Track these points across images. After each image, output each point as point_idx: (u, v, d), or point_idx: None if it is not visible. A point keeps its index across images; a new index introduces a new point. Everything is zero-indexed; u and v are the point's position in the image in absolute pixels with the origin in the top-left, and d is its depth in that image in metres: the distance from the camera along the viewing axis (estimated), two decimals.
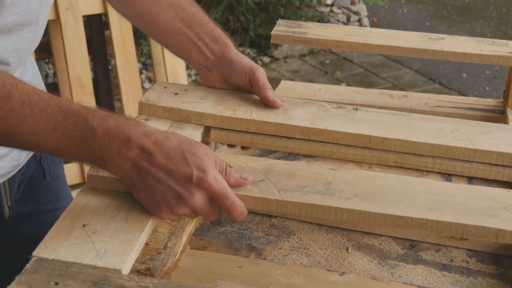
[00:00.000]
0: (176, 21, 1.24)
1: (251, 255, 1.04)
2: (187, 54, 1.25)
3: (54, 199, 1.34)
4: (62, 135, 0.90)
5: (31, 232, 0.87)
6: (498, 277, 1.02)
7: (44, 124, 0.89)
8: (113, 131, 0.91)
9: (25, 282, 0.77)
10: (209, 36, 1.23)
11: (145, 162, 0.91)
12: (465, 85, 4.92)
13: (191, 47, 1.23)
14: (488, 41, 1.48)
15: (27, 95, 0.89)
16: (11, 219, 1.24)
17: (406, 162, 1.18)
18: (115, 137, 0.91)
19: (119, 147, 0.91)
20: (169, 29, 1.24)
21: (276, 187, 0.96)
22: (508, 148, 1.13)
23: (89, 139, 0.90)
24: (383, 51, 1.47)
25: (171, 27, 1.24)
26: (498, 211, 0.91)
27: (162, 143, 0.92)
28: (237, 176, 0.96)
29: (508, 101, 1.46)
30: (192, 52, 1.24)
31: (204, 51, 1.23)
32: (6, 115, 0.88)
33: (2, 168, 1.15)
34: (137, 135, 0.92)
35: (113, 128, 0.91)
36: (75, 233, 0.87)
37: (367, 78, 4.88)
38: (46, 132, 0.90)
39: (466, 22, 6.23)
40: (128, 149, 0.91)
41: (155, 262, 0.93)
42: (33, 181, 1.30)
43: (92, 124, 0.91)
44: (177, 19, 1.24)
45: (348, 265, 1.03)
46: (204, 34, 1.23)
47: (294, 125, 1.16)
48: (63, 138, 0.90)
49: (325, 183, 0.97)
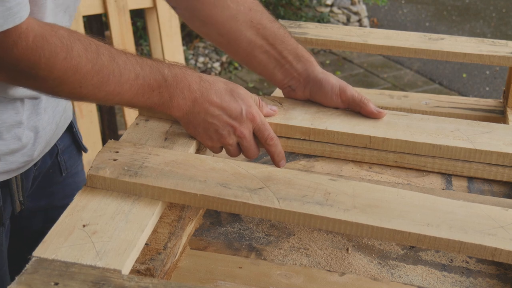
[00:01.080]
0: (258, 39, 1.22)
1: (251, 256, 1.04)
2: (270, 73, 1.24)
3: (70, 195, 1.34)
4: (141, 84, 1.03)
5: (46, 228, 0.88)
6: (498, 278, 1.02)
7: (128, 74, 1.01)
8: (179, 77, 1.06)
9: (25, 282, 0.77)
10: (293, 54, 1.22)
11: (203, 102, 1.07)
12: (465, 85, 4.92)
13: (274, 66, 1.23)
14: (488, 42, 1.48)
15: (109, 50, 1.01)
16: (25, 213, 1.25)
17: (406, 162, 1.18)
18: (180, 82, 1.06)
19: (183, 91, 1.06)
20: (251, 48, 1.22)
21: (276, 195, 0.96)
22: (508, 148, 1.13)
23: (162, 86, 1.05)
24: (383, 51, 1.47)
25: (253, 45, 1.22)
26: (495, 230, 0.91)
27: (214, 84, 1.09)
28: (268, 108, 1.16)
29: (508, 101, 1.46)
30: (275, 71, 1.23)
31: (288, 70, 1.22)
32: (100, 69, 0.98)
33: (14, 163, 1.16)
34: (195, 80, 1.07)
35: (179, 74, 1.06)
36: (75, 233, 0.87)
37: (367, 78, 4.88)
38: (129, 82, 1.01)
39: (466, 22, 6.23)
40: (190, 92, 1.07)
41: (155, 263, 0.93)
42: (48, 176, 1.31)
43: (163, 72, 1.05)
44: (259, 37, 1.22)
45: (348, 266, 1.03)
46: (287, 52, 1.22)
47: (294, 125, 1.16)
48: (142, 86, 1.03)
49: (324, 193, 0.97)
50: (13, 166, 1.16)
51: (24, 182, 1.22)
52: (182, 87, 1.06)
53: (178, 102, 1.06)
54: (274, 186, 0.98)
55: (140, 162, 1.02)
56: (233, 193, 0.96)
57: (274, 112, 1.17)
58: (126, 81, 1.01)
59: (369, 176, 1.18)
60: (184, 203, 0.98)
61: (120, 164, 1.01)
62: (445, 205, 0.96)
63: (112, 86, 1.00)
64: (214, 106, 1.07)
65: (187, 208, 1.05)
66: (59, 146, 1.32)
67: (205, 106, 1.07)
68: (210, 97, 1.07)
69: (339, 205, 0.94)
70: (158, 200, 0.97)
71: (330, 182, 1.00)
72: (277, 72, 1.23)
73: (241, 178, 0.99)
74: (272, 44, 1.22)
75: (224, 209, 0.96)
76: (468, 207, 0.96)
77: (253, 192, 0.96)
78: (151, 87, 1.04)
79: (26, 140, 1.15)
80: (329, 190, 0.98)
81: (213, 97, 1.07)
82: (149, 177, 0.98)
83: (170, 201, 0.98)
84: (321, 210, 0.93)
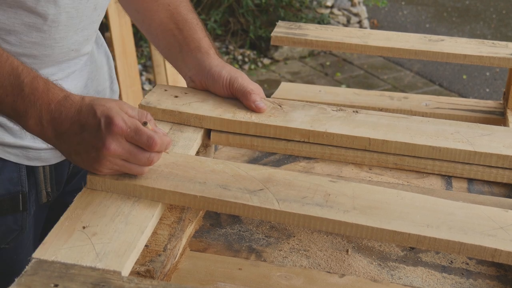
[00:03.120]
0: (170, 22, 1.25)
1: (251, 257, 1.04)
2: (175, 58, 1.26)
3: None
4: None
5: None
6: (498, 279, 1.02)
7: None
8: (39, 92, 0.92)
9: (24, 284, 0.77)
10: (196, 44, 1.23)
11: (63, 123, 0.92)
12: (465, 86, 4.92)
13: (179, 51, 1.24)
14: (488, 43, 1.48)
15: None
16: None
17: (406, 164, 1.18)
18: (38, 98, 0.92)
19: (41, 109, 0.92)
20: (161, 29, 1.25)
21: (275, 197, 0.96)
22: (508, 150, 1.13)
23: (17, 94, 0.92)
24: (383, 52, 1.47)
25: (164, 27, 1.25)
26: (495, 231, 0.91)
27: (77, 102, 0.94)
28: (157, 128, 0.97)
29: (508, 102, 1.46)
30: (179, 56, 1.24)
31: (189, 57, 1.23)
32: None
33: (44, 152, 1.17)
34: (58, 99, 0.93)
35: (40, 89, 0.93)
36: (75, 235, 0.87)
37: (367, 79, 4.88)
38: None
39: (466, 24, 6.23)
40: (48, 113, 0.92)
41: (155, 264, 0.93)
42: None
43: (23, 80, 0.92)
44: (171, 21, 1.25)
45: (348, 267, 1.03)
46: (191, 39, 1.23)
47: (293, 128, 1.16)
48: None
49: (324, 195, 0.97)
50: (44, 155, 1.17)
51: (53, 173, 1.22)
52: (40, 104, 0.93)
53: (35, 121, 0.93)
54: (273, 187, 0.98)
55: None
56: (233, 195, 0.96)
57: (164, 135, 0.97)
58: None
59: (369, 178, 1.18)
60: (184, 204, 0.98)
61: None
62: (445, 206, 0.96)
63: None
64: (71, 125, 0.93)
65: (187, 209, 1.05)
66: None
67: (66, 127, 0.93)
68: (69, 116, 0.93)
69: (339, 207, 0.94)
70: (158, 201, 0.97)
71: (330, 183, 1.00)
72: (180, 58, 1.25)
73: (240, 180, 0.99)
74: (180, 29, 1.24)
75: (224, 211, 0.96)
76: (468, 208, 0.96)
77: (253, 194, 0.96)
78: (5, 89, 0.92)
79: None
80: (329, 192, 0.98)
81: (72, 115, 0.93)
82: (149, 179, 0.98)
83: (170, 203, 0.98)
84: (321, 211, 0.93)
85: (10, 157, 1.14)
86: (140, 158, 0.94)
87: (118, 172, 0.97)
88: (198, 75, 1.22)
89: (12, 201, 1.16)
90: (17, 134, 1.13)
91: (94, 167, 0.94)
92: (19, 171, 1.16)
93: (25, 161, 1.16)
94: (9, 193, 1.15)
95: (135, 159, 0.94)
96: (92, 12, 1.14)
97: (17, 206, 1.17)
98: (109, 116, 0.91)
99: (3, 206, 1.16)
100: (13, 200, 1.16)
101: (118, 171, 0.96)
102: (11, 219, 1.18)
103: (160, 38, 1.27)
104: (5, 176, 1.15)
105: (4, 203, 1.16)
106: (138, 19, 1.30)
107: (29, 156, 1.16)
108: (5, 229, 1.18)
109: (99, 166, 0.94)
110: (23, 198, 1.18)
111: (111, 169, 0.95)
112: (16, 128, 1.12)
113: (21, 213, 1.18)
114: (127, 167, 0.95)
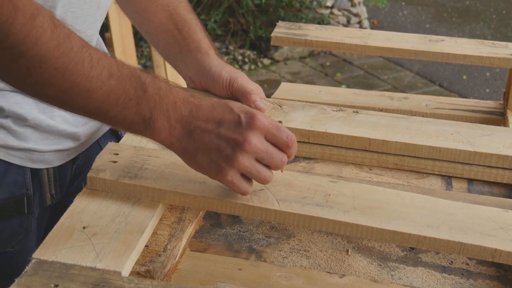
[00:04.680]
0: (169, 22, 1.25)
1: (251, 257, 1.04)
2: (174, 58, 1.25)
3: None
4: (115, 86, 0.87)
5: None
6: (498, 279, 1.02)
7: (100, 70, 0.86)
8: (163, 90, 0.90)
9: (24, 284, 0.77)
10: (196, 44, 1.23)
11: (194, 120, 0.90)
12: (465, 87, 4.93)
13: (179, 51, 1.24)
14: (488, 43, 1.48)
15: (84, 42, 0.87)
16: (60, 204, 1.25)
17: (406, 164, 1.18)
18: (164, 97, 0.90)
19: (168, 108, 0.90)
20: (161, 29, 1.25)
21: (275, 197, 0.96)
22: (508, 150, 1.13)
23: (141, 97, 0.89)
24: (383, 53, 1.47)
25: (163, 28, 1.25)
26: (495, 231, 0.91)
27: (205, 100, 0.92)
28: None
29: (508, 103, 1.46)
30: (178, 57, 1.24)
31: (188, 58, 1.23)
32: (66, 52, 0.84)
33: (48, 154, 1.17)
34: (183, 97, 0.91)
35: (163, 88, 0.90)
36: (75, 235, 0.87)
37: (367, 80, 4.88)
38: (100, 79, 0.86)
39: (466, 24, 6.24)
40: (175, 111, 0.90)
41: (155, 264, 0.93)
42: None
43: (145, 81, 0.89)
44: (170, 21, 1.25)
45: (348, 267, 1.03)
46: (191, 40, 1.23)
47: (293, 128, 1.16)
48: (115, 89, 0.87)
49: (324, 195, 0.97)
50: (47, 157, 1.17)
51: (57, 175, 1.22)
52: (166, 103, 0.90)
53: (162, 122, 0.89)
54: (274, 187, 0.98)
55: (140, 164, 1.02)
56: (233, 195, 0.96)
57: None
58: (97, 76, 0.86)
59: (369, 178, 1.18)
60: (184, 205, 0.98)
61: (120, 166, 1.01)
62: (446, 206, 0.96)
63: (78, 77, 0.85)
64: (206, 122, 0.91)
65: (187, 210, 1.05)
66: (102, 145, 1.32)
67: (196, 124, 0.90)
68: (201, 113, 0.91)
69: (339, 207, 0.94)
70: (158, 202, 0.97)
71: (330, 183, 1.00)
72: (179, 59, 1.24)
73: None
74: (179, 30, 1.24)
75: (224, 211, 0.96)
76: (468, 208, 0.96)
77: (253, 194, 0.96)
78: (127, 93, 0.88)
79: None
80: (329, 192, 0.98)
81: (203, 111, 0.91)
82: (149, 179, 0.98)
83: (170, 203, 0.98)
84: (321, 211, 0.93)
85: (14, 160, 1.14)
86: (275, 158, 0.92)
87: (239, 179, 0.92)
88: (198, 76, 1.22)
89: (17, 204, 1.16)
90: (21, 137, 1.13)
91: (221, 167, 0.90)
92: (23, 174, 1.16)
93: (29, 164, 1.16)
94: (14, 196, 1.15)
95: (270, 158, 0.92)
96: (96, 12, 1.14)
97: (22, 209, 1.17)
98: (249, 112, 0.91)
99: (8, 209, 1.16)
100: (18, 203, 1.16)
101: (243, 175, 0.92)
102: (16, 222, 1.18)
103: (160, 39, 1.26)
104: (9, 179, 1.15)
105: (9, 206, 1.16)
106: (137, 20, 1.30)
107: (33, 158, 1.16)
108: (10, 232, 1.18)
109: (228, 165, 0.90)
110: (28, 201, 1.18)
111: (239, 170, 0.91)
112: (20, 130, 1.12)
113: (26, 216, 1.18)
114: (257, 169, 0.92)
